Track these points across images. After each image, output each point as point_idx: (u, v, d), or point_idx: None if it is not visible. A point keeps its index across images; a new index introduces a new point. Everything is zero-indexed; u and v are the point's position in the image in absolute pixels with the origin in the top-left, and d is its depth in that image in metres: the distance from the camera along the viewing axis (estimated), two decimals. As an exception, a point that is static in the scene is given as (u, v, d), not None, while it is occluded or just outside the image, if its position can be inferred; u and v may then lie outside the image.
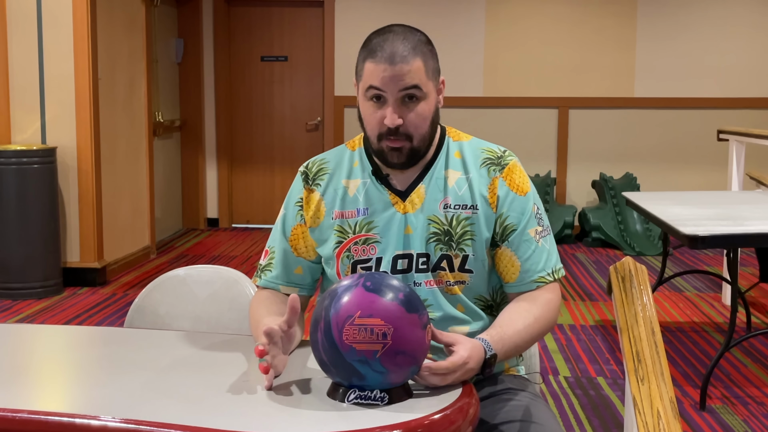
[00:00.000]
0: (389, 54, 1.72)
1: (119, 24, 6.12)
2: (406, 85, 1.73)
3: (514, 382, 1.89)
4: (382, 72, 1.72)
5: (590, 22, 7.74)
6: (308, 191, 1.89)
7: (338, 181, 1.87)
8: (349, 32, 7.81)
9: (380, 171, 1.86)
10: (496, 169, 1.85)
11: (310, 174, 1.90)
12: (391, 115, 1.74)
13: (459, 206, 1.82)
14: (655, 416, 1.80)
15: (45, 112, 5.54)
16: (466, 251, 1.81)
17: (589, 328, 4.77)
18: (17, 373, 1.67)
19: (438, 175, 1.84)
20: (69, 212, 5.60)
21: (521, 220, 1.83)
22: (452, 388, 1.53)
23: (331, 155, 1.93)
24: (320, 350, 1.45)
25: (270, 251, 1.92)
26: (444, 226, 1.81)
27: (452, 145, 1.88)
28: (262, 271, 1.92)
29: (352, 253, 1.83)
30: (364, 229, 1.83)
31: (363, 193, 1.85)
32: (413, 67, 1.73)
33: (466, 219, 1.81)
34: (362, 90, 1.78)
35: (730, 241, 3.60)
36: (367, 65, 1.75)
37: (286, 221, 1.91)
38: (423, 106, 1.76)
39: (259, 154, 8.15)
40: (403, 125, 1.75)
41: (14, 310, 5.07)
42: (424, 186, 1.83)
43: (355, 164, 1.88)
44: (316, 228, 1.87)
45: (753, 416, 3.49)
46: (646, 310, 2.07)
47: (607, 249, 7.21)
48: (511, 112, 7.81)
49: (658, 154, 7.82)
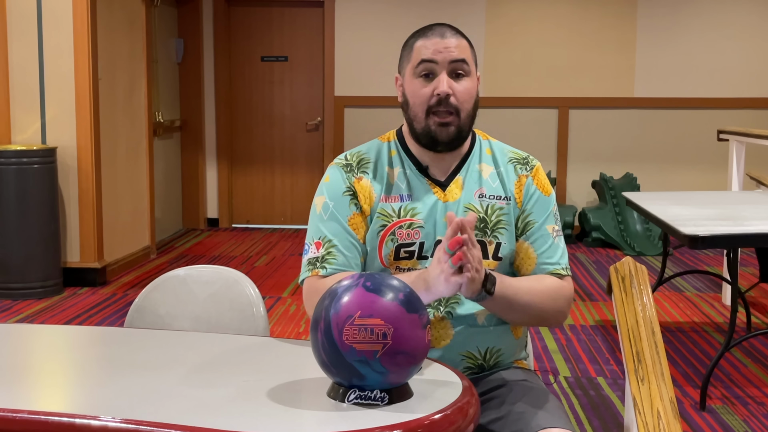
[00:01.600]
0: (440, 31, 1.87)
1: (119, 24, 6.12)
2: (456, 57, 1.85)
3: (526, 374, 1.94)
4: (434, 45, 1.85)
5: (590, 22, 7.74)
6: (357, 179, 1.91)
7: (382, 168, 1.93)
8: (349, 32, 7.82)
9: (419, 163, 1.93)
10: (523, 168, 1.96)
11: (354, 164, 1.94)
12: (443, 82, 1.83)
13: (493, 197, 1.91)
14: (655, 416, 1.80)
15: (45, 112, 5.54)
16: (500, 239, 1.89)
17: (589, 328, 4.78)
18: (17, 373, 1.67)
19: (473, 167, 1.94)
20: (69, 212, 5.60)
21: (542, 217, 1.92)
22: (452, 388, 1.53)
23: (366, 147, 1.98)
24: (320, 350, 1.45)
25: (324, 242, 1.88)
26: (480, 213, 1.89)
27: (483, 142, 1.99)
28: (323, 261, 1.87)
29: (397, 237, 1.87)
30: (409, 214, 1.88)
31: (405, 181, 1.91)
32: (461, 43, 1.87)
33: (500, 209, 1.91)
34: (411, 70, 1.88)
35: (730, 241, 3.60)
36: (417, 44, 1.87)
37: (339, 212, 1.89)
38: (469, 83, 1.87)
39: (259, 154, 8.15)
40: (453, 96, 1.84)
41: (14, 310, 5.07)
42: (461, 177, 1.92)
43: (393, 153, 1.95)
44: (370, 214, 1.90)
45: (753, 416, 3.49)
46: (646, 310, 2.07)
47: (607, 249, 7.21)
48: (511, 112, 7.81)
49: (658, 154, 7.82)
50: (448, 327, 1.87)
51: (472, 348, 1.89)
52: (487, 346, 1.90)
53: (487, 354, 1.91)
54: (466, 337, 1.88)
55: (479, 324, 1.88)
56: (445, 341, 1.86)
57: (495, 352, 1.92)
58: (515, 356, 1.98)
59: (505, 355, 1.94)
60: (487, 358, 1.91)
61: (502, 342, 1.92)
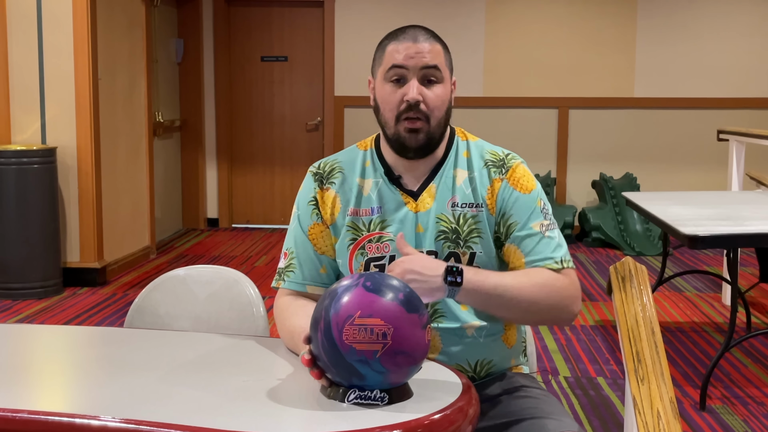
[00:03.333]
0: (412, 35, 1.82)
1: (119, 24, 6.12)
2: (427, 63, 1.80)
3: (524, 379, 1.91)
4: (405, 50, 1.80)
5: (590, 22, 7.74)
6: (322, 191, 1.90)
7: (353, 180, 1.90)
8: (349, 32, 7.81)
9: (392, 172, 1.89)
10: (497, 171, 1.87)
11: (324, 173, 1.92)
12: (413, 88, 1.79)
13: (465, 205, 1.85)
14: (655, 416, 1.80)
15: (45, 112, 5.53)
16: (474, 249, 1.84)
17: (589, 328, 4.77)
18: (17, 373, 1.67)
19: (447, 174, 1.88)
20: (69, 212, 5.60)
21: (524, 216, 1.84)
22: (452, 388, 1.53)
23: (342, 156, 1.95)
24: (320, 350, 1.45)
25: (289, 253, 1.91)
26: (452, 224, 1.84)
27: (461, 144, 1.92)
28: (284, 273, 1.90)
29: (366, 251, 1.85)
30: (378, 227, 1.86)
31: (376, 192, 1.88)
32: (435, 48, 1.82)
33: (472, 217, 1.84)
34: (382, 74, 1.83)
35: (730, 241, 3.60)
36: (389, 47, 1.83)
37: (302, 221, 1.91)
38: (442, 89, 1.82)
39: (259, 154, 8.15)
40: (423, 102, 1.80)
41: (14, 310, 5.07)
42: (434, 185, 1.87)
43: (367, 164, 1.91)
44: (334, 224, 1.89)
45: (753, 416, 3.49)
46: (646, 310, 2.07)
47: (607, 249, 7.21)
48: (511, 112, 7.81)
49: (658, 154, 7.82)
50: (436, 340, 1.84)
51: (462, 361, 1.86)
52: (477, 358, 1.87)
53: (478, 366, 1.88)
54: (456, 350, 1.84)
55: (468, 336, 1.85)
56: (433, 354, 1.82)
57: (486, 364, 1.88)
58: (509, 365, 1.94)
59: (498, 366, 1.90)
60: (477, 370, 1.88)
61: (493, 353, 1.89)
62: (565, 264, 1.82)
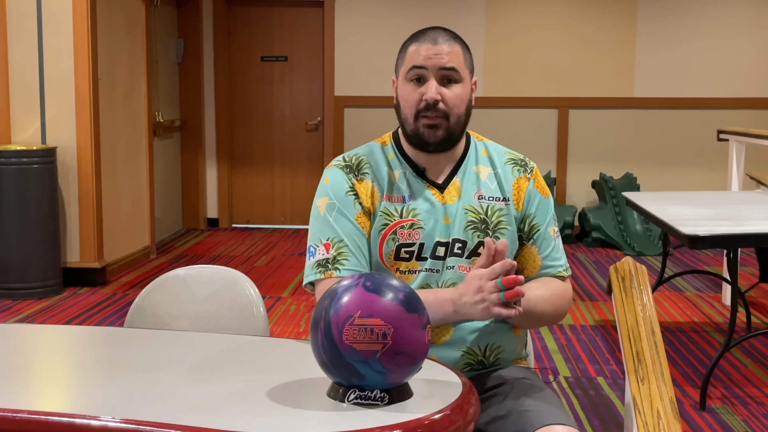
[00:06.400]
0: (433, 37, 1.89)
1: (119, 24, 6.12)
2: (445, 64, 1.86)
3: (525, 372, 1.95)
4: (425, 51, 1.87)
5: (590, 22, 7.74)
6: (359, 181, 1.92)
7: (383, 169, 1.94)
8: (349, 32, 7.82)
9: (417, 165, 1.94)
10: (521, 170, 1.97)
11: (353, 165, 1.94)
12: (432, 88, 1.85)
13: (492, 198, 1.93)
14: (655, 416, 1.80)
15: (45, 112, 5.54)
16: (502, 239, 1.89)
17: (589, 328, 4.77)
18: (17, 373, 1.67)
19: (470, 170, 1.95)
20: (69, 212, 5.60)
21: (545, 220, 1.96)
22: (452, 387, 1.53)
23: (363, 150, 1.98)
24: (320, 350, 1.45)
25: (334, 242, 1.86)
26: (480, 215, 1.91)
27: (478, 144, 2.00)
28: (335, 262, 1.85)
29: (398, 236, 1.89)
30: (410, 214, 1.90)
31: (405, 182, 1.93)
32: (454, 49, 1.88)
33: (499, 210, 1.93)
34: (403, 74, 1.90)
35: (730, 241, 3.60)
36: (410, 48, 1.89)
37: (346, 210, 1.89)
38: (460, 89, 1.88)
39: (259, 154, 8.15)
40: (441, 101, 1.85)
41: (14, 310, 5.07)
42: (459, 179, 1.93)
43: (390, 157, 1.96)
44: (374, 212, 1.92)
45: (753, 416, 3.49)
46: (646, 310, 2.07)
47: (607, 249, 7.21)
48: (511, 112, 7.81)
49: (658, 154, 7.82)
50: (448, 323, 1.87)
51: (473, 344, 1.90)
52: (487, 342, 1.92)
53: (487, 350, 1.92)
54: (466, 333, 1.89)
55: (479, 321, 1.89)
56: (445, 337, 1.88)
57: (495, 349, 1.93)
58: (515, 354, 2.00)
59: (506, 352, 1.95)
60: (487, 355, 1.92)
61: (502, 339, 1.94)
62: (568, 271, 2.00)
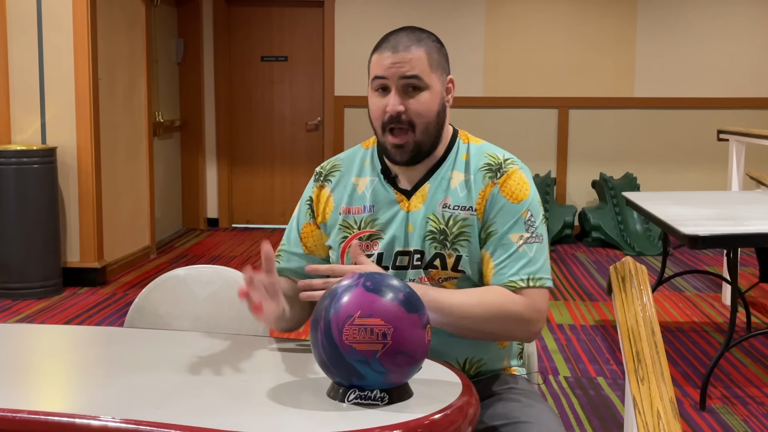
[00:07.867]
0: (393, 44, 1.80)
1: (119, 24, 6.12)
2: (405, 73, 1.78)
3: (515, 381, 1.89)
4: (385, 60, 1.79)
5: (590, 22, 7.74)
6: (319, 188, 1.95)
7: (348, 178, 1.93)
8: (349, 32, 7.81)
9: (389, 171, 1.90)
10: (491, 176, 1.84)
11: (324, 172, 1.97)
12: (393, 100, 1.79)
13: (458, 207, 1.83)
14: (655, 416, 1.80)
15: (45, 112, 5.53)
16: (460, 251, 1.82)
17: (589, 328, 4.77)
18: (17, 373, 1.67)
19: (444, 175, 1.87)
20: (69, 212, 5.60)
21: (504, 226, 1.81)
22: (452, 388, 1.53)
23: (345, 154, 1.99)
24: (320, 350, 1.45)
25: (282, 241, 2.00)
26: (440, 225, 1.83)
27: (461, 147, 1.90)
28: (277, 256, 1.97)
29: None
30: (369, 225, 1.87)
31: (370, 190, 1.90)
32: (414, 56, 1.79)
33: (463, 220, 1.83)
34: (370, 84, 1.85)
35: (730, 241, 3.60)
36: (374, 58, 1.83)
37: (299, 220, 1.98)
38: (425, 96, 1.80)
39: (259, 154, 8.15)
40: (405, 113, 1.79)
41: (14, 310, 5.07)
42: (429, 185, 1.86)
43: (366, 163, 1.93)
44: (326, 222, 1.93)
45: (753, 416, 3.49)
46: (646, 310, 2.07)
47: (607, 249, 7.21)
48: (511, 112, 7.81)
49: (658, 154, 7.82)
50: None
51: (450, 358, 1.82)
52: (466, 356, 1.85)
53: (467, 364, 1.86)
54: (444, 347, 1.81)
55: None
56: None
57: (475, 363, 1.86)
58: (502, 365, 1.92)
59: (489, 365, 1.88)
60: (467, 369, 1.86)
61: (483, 352, 1.87)
62: (532, 283, 1.77)
